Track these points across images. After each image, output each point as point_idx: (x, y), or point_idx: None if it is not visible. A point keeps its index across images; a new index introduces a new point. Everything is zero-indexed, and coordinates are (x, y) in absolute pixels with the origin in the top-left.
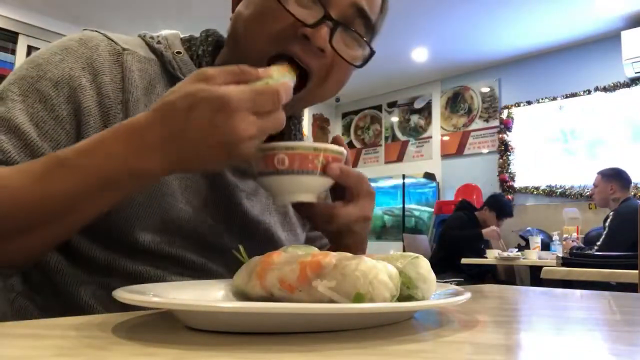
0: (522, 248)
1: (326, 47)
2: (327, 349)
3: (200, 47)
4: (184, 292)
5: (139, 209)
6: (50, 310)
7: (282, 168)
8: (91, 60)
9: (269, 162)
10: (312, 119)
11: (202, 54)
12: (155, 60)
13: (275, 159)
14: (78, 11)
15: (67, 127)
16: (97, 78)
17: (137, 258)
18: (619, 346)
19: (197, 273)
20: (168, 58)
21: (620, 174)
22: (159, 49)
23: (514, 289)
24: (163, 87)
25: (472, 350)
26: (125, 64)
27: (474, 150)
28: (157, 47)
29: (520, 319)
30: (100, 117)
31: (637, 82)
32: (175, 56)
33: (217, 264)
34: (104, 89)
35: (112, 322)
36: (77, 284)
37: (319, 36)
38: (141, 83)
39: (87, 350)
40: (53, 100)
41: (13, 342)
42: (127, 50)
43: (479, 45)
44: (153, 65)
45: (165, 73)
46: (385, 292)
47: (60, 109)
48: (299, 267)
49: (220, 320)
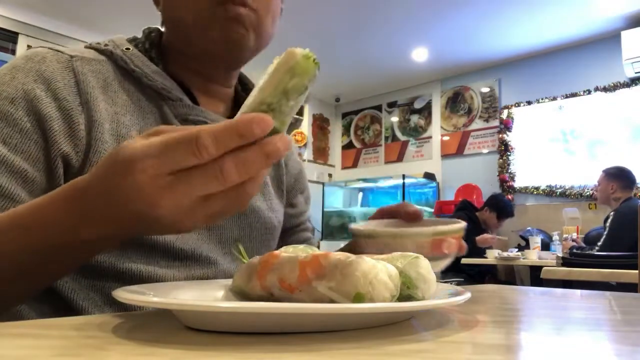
0: (522, 248)
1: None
2: (327, 349)
3: (146, 42)
4: (184, 292)
5: None
6: (44, 314)
7: (447, 253)
8: (40, 71)
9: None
10: (312, 119)
11: (149, 47)
12: (106, 59)
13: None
14: (78, 11)
15: (34, 137)
16: (51, 85)
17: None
18: (619, 346)
19: (187, 262)
20: (118, 55)
21: (623, 174)
22: (107, 49)
23: (514, 289)
24: (118, 83)
25: (472, 350)
26: (76, 69)
27: (474, 150)
28: (104, 48)
29: (520, 319)
30: (63, 120)
31: (637, 82)
32: (124, 52)
33: (207, 245)
34: (60, 94)
35: (112, 322)
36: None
37: None
38: (97, 83)
39: (87, 351)
40: (13, 115)
41: (13, 342)
42: (75, 56)
43: (479, 45)
44: (104, 64)
45: (118, 69)
46: (385, 292)
47: (23, 122)
48: (299, 267)
49: (220, 320)
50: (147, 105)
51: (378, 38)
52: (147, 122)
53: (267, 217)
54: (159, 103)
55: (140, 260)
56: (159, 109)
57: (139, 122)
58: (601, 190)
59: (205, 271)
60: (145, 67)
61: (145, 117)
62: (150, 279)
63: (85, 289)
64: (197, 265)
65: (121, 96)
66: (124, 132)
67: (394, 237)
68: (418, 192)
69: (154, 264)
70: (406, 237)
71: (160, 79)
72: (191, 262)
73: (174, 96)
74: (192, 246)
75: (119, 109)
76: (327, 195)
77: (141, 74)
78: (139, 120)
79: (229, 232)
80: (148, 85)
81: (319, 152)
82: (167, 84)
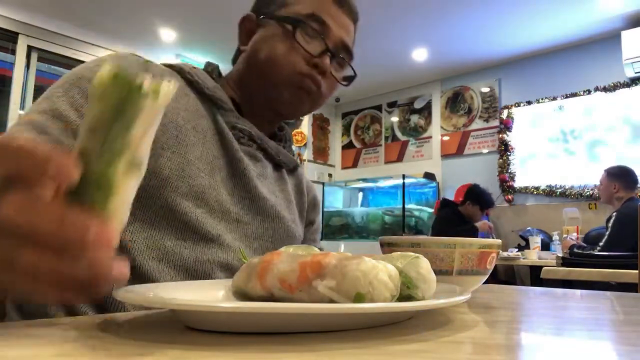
0: (522, 248)
1: (328, 70)
2: (327, 349)
3: (208, 67)
4: (184, 292)
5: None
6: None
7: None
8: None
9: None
10: (312, 118)
11: (210, 70)
12: (175, 73)
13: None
14: (78, 11)
15: None
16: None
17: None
18: (620, 346)
19: (211, 245)
20: (186, 70)
21: (625, 174)
22: (177, 66)
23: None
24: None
25: (472, 350)
26: (149, 69)
27: (474, 150)
28: (174, 64)
29: (520, 319)
30: None
31: (637, 82)
32: (191, 69)
33: (232, 234)
34: None
35: (114, 322)
36: None
37: (325, 63)
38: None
39: (87, 350)
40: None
41: (14, 341)
42: (151, 62)
43: (479, 45)
44: (174, 75)
45: (185, 80)
46: (385, 292)
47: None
48: (299, 267)
49: (221, 321)
50: (202, 110)
51: (378, 38)
52: (202, 121)
53: (290, 227)
54: (214, 111)
55: (168, 236)
56: (213, 116)
57: (194, 120)
58: (603, 190)
59: (227, 256)
60: (207, 81)
61: (202, 117)
62: (174, 257)
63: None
64: (220, 250)
65: (184, 99)
66: (181, 123)
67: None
68: (418, 192)
69: (180, 244)
70: (435, 247)
71: (218, 92)
72: (214, 246)
73: (227, 107)
74: (219, 232)
75: (180, 106)
76: (327, 195)
77: (203, 85)
78: (195, 118)
79: (253, 228)
80: (207, 95)
81: (319, 152)
82: (223, 96)
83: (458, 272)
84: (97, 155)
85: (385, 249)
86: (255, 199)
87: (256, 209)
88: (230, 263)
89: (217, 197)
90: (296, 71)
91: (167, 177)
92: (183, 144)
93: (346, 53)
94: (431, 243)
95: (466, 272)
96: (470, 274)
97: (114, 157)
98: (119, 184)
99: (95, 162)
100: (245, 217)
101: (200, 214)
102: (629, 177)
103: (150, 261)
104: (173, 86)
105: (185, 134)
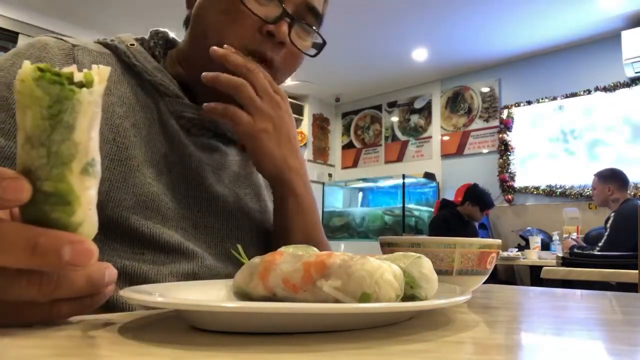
0: (522, 248)
1: (286, 40)
2: (328, 349)
3: (150, 41)
4: (187, 292)
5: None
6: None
7: (489, 268)
8: (40, 58)
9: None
10: (312, 118)
11: (153, 45)
12: (110, 53)
13: (489, 258)
14: (78, 11)
15: None
16: None
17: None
18: (620, 346)
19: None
20: (122, 49)
21: (616, 175)
22: (112, 44)
23: (514, 289)
24: (118, 76)
25: (472, 350)
26: (76, 57)
27: (474, 150)
28: (110, 43)
29: (520, 319)
30: None
31: (637, 82)
32: (128, 47)
33: (193, 242)
34: None
35: (118, 322)
36: None
37: (281, 32)
38: None
39: (87, 350)
40: (8, 100)
41: (15, 341)
42: (77, 46)
43: (479, 45)
44: (107, 57)
45: (121, 63)
46: (390, 292)
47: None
48: (303, 267)
49: (225, 320)
50: (144, 100)
51: (378, 38)
52: (142, 115)
53: (258, 219)
54: (156, 99)
55: (125, 254)
56: (156, 105)
57: (134, 115)
58: (598, 194)
59: (191, 265)
60: (147, 62)
61: (142, 110)
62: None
63: None
64: (183, 259)
65: (120, 88)
66: (118, 122)
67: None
68: (418, 192)
69: (138, 259)
70: (435, 247)
71: (160, 75)
72: (177, 255)
73: (172, 93)
74: (179, 239)
75: (115, 100)
76: (327, 195)
77: (142, 69)
78: (134, 112)
79: (215, 231)
80: (147, 80)
81: (319, 152)
82: (165, 81)
83: (458, 272)
84: (45, 169)
85: (386, 249)
86: (213, 198)
87: (215, 209)
88: (197, 272)
89: (168, 204)
90: (243, 45)
91: (108, 190)
92: (122, 148)
93: (313, 16)
94: (431, 243)
95: (466, 272)
96: (470, 274)
97: (64, 167)
98: (79, 193)
99: (45, 177)
100: (204, 220)
101: (153, 225)
102: (621, 178)
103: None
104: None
105: (124, 135)
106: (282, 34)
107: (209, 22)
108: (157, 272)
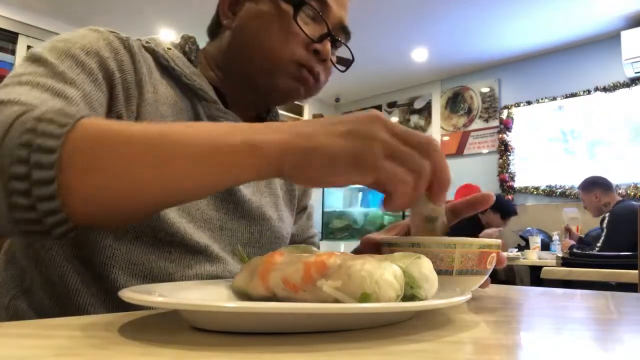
0: (522, 248)
1: (328, 57)
2: (328, 349)
3: (185, 46)
4: (190, 292)
5: None
6: (46, 314)
7: (489, 268)
8: (108, 40)
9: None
10: (312, 118)
11: (188, 50)
12: (148, 55)
13: (489, 258)
14: (78, 12)
15: (104, 89)
16: (117, 56)
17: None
18: (619, 346)
19: (198, 257)
20: (160, 53)
21: (597, 181)
22: (150, 46)
23: (514, 289)
24: (158, 75)
25: (472, 350)
26: (132, 49)
27: (474, 150)
28: (147, 45)
29: (520, 319)
30: (123, 89)
31: (637, 82)
32: (166, 51)
33: (219, 244)
34: (124, 66)
35: (119, 321)
36: (76, 283)
37: (326, 50)
38: (146, 68)
39: (88, 350)
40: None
41: (15, 341)
42: (129, 38)
43: (479, 45)
44: (147, 57)
45: (158, 65)
46: (391, 292)
47: (95, 73)
48: (303, 267)
49: (226, 320)
50: (182, 102)
51: (378, 38)
52: (180, 117)
53: (277, 227)
54: (194, 102)
55: (153, 253)
56: (194, 108)
57: (173, 115)
58: (588, 204)
59: (215, 268)
60: (186, 67)
61: (180, 112)
62: (159, 273)
63: (92, 280)
64: (207, 262)
65: (161, 87)
66: (162, 120)
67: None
68: None
69: (165, 258)
70: (435, 247)
71: (198, 80)
72: (202, 258)
73: (210, 97)
74: (206, 242)
75: (159, 98)
76: (327, 195)
77: (181, 73)
78: (174, 113)
79: (239, 234)
80: (186, 84)
81: None
82: (204, 86)
83: (458, 272)
84: None
85: (386, 249)
86: (239, 202)
87: (241, 212)
88: (220, 275)
89: (197, 204)
90: (294, 60)
91: None
92: None
93: (344, 34)
94: (431, 243)
95: (466, 272)
96: (470, 274)
97: None
98: None
99: None
100: (230, 223)
101: (187, 224)
102: (602, 182)
103: (134, 279)
104: None
105: None
106: (327, 51)
107: (260, 38)
108: (182, 273)
